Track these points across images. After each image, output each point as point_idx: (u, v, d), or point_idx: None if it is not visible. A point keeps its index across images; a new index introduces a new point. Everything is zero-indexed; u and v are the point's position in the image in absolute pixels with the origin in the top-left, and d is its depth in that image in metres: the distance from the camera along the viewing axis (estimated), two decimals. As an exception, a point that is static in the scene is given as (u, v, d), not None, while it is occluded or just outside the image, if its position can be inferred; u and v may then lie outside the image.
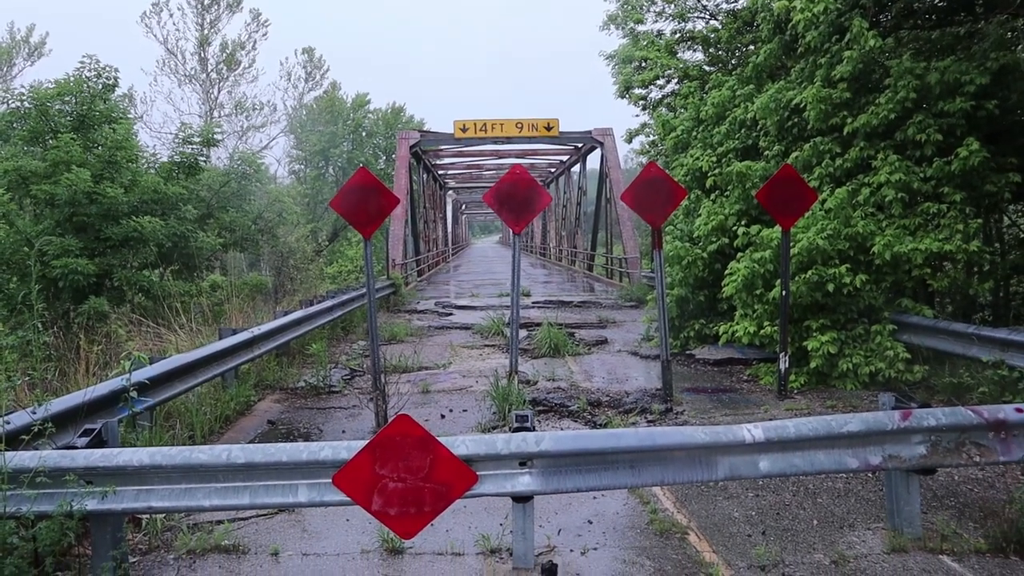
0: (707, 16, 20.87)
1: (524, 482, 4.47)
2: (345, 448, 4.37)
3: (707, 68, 19.51)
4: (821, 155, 11.77)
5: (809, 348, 9.99)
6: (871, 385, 9.77)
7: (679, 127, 15.77)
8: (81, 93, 15.92)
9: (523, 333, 15.35)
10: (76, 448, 4.58)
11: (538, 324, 16.26)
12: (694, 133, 15.24)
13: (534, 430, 4.60)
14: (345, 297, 16.09)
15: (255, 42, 54.66)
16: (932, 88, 10.41)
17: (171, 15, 54.86)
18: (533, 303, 22.31)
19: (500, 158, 42.39)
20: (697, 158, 14.17)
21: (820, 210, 10.61)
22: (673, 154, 16.11)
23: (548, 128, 31.64)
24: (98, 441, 4.76)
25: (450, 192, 62.89)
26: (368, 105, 62.57)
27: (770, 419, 8.61)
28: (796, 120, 12.54)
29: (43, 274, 14.00)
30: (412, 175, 34.19)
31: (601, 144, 32.74)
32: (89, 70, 16.18)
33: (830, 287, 9.96)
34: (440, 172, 47.97)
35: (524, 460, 4.48)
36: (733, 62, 18.95)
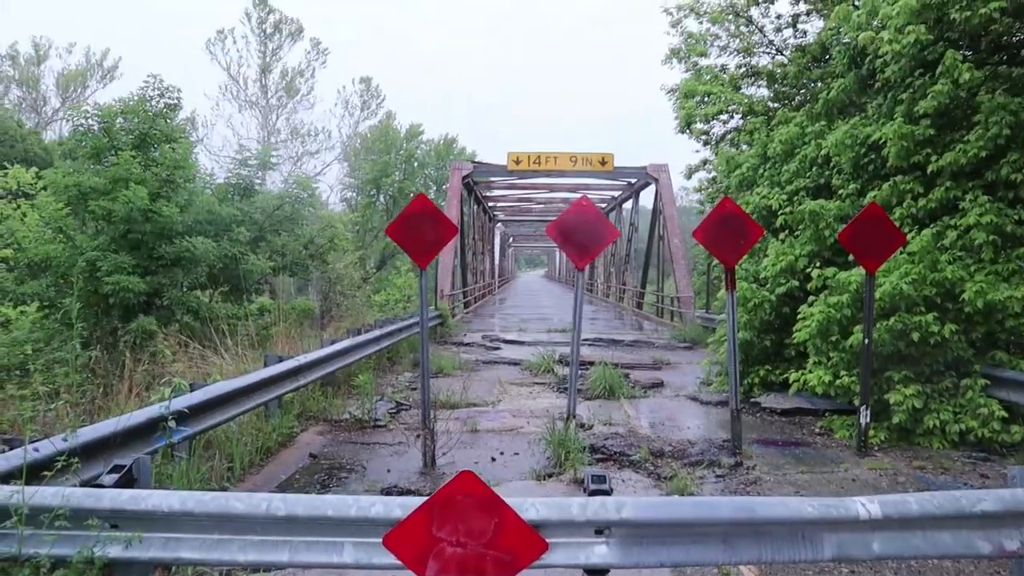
0: (773, 51, 20.34)
1: (600, 553, 3.90)
2: (399, 505, 3.85)
3: (772, 104, 18.96)
4: (902, 195, 11.09)
5: (891, 401, 9.24)
6: (960, 445, 8.99)
7: (744, 164, 15.19)
8: (144, 112, 15.90)
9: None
10: (103, 487, 4.13)
11: (591, 363, 15.64)
12: (760, 170, 14.65)
13: (611, 493, 4.03)
14: (392, 327, 15.70)
15: (314, 70, 55.53)
16: (1028, 126, 9.74)
17: (235, 42, 55.54)
18: (583, 340, 21.65)
19: (551, 191, 42.06)
20: (764, 196, 13.55)
21: (902, 253, 9.91)
22: (737, 192, 15.50)
23: (603, 163, 31.19)
24: (128, 479, 4.32)
25: (499, 224, 62.71)
26: (421, 135, 62.99)
27: (852, 479, 7.99)
28: (873, 158, 11.89)
29: (95, 290, 13.87)
30: (463, 206, 33.97)
31: (656, 180, 32.18)
32: (153, 89, 16.19)
33: (915, 336, 9.22)
34: (490, 204, 47.80)
35: (601, 528, 3.90)
36: (799, 98, 18.38)
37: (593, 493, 4.00)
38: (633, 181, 35.68)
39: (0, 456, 4.33)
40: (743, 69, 20.00)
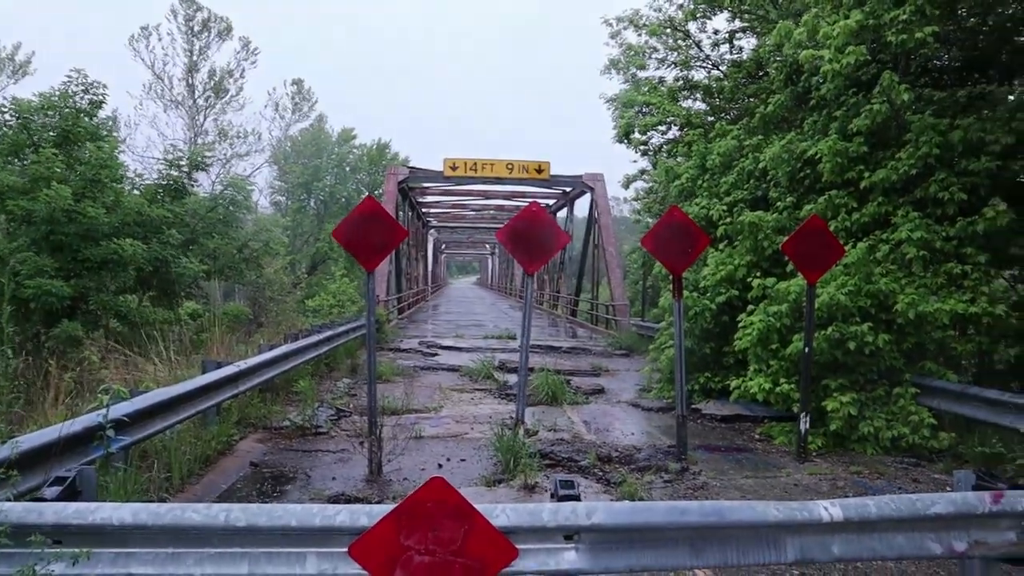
0: (710, 65, 20.71)
1: (570, 559, 3.86)
2: (365, 513, 3.74)
3: (709, 118, 19.29)
4: (836, 208, 11.42)
5: (828, 409, 9.47)
6: (892, 451, 9.25)
7: (684, 175, 15.43)
8: (66, 108, 15.28)
9: (515, 378, 14.71)
10: (45, 500, 3.91)
11: (531, 369, 15.64)
12: (699, 181, 14.90)
13: (580, 499, 3.99)
14: (330, 332, 15.43)
15: (243, 70, 54.17)
16: (955, 146, 10.14)
17: (160, 39, 53.91)
18: (518, 347, 21.68)
19: (487, 198, 42.01)
20: (704, 207, 13.79)
21: (839, 265, 10.18)
22: (677, 201, 15.72)
23: (539, 171, 31.27)
24: (71, 491, 4.10)
25: (432, 231, 62.40)
26: (354, 139, 62.22)
27: (794, 483, 8.14)
28: (809, 172, 12.22)
29: (14, 294, 13.21)
30: (398, 211, 33.67)
31: (592, 189, 32.43)
32: (76, 84, 15.56)
33: (851, 345, 9.48)
34: (424, 210, 47.51)
35: (571, 534, 3.87)
36: (734, 112, 18.75)
37: (562, 499, 3.96)
38: (568, 190, 35.89)
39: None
40: (680, 82, 20.28)
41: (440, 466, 8.62)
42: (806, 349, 9.05)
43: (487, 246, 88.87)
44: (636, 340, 22.13)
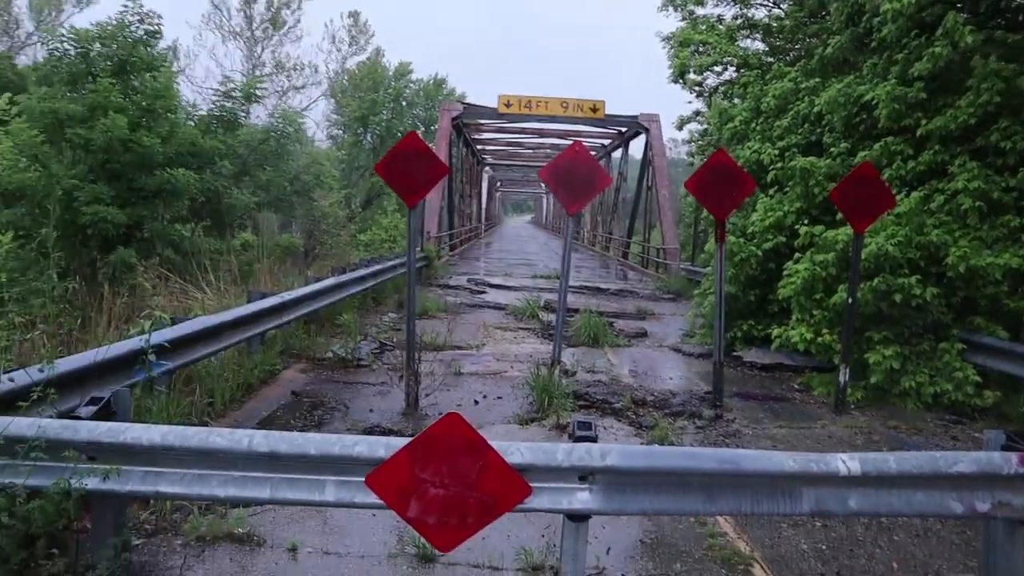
0: (770, 3, 20.03)
1: (583, 499, 3.91)
2: (383, 445, 3.83)
3: (767, 58, 18.71)
4: (892, 156, 11.02)
5: (870, 361, 9.30)
6: (934, 407, 9.08)
7: (737, 117, 15.05)
8: (123, 38, 15.44)
9: (558, 319, 14.75)
10: (80, 419, 4.08)
11: (575, 311, 15.66)
12: (752, 124, 14.52)
13: (597, 440, 4.02)
14: (378, 267, 15.61)
15: (300, 2, 54.02)
16: (1020, 93, 9.65)
17: (219, -32, 53.88)
18: (568, 288, 21.66)
19: (541, 137, 41.61)
20: (756, 150, 13.44)
21: (890, 215, 9.89)
22: (729, 145, 15.38)
23: (594, 110, 30.78)
24: (106, 411, 4.27)
25: (487, 168, 62.18)
26: (410, 75, 61.78)
27: (828, 435, 8.08)
28: (865, 117, 11.79)
29: (72, 220, 13.61)
30: (451, 147, 33.58)
31: (647, 130, 31.86)
32: (132, 15, 15.69)
33: (897, 297, 9.25)
34: (479, 147, 47.30)
35: (585, 475, 3.91)
36: (794, 53, 18.15)
37: (578, 439, 4.00)
38: (623, 130, 35.33)
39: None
40: (739, 20, 19.68)
41: (476, 403, 8.74)
42: (850, 300, 8.86)
43: (542, 185, 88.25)
44: (685, 284, 21.93)
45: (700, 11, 20.56)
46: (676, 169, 43.12)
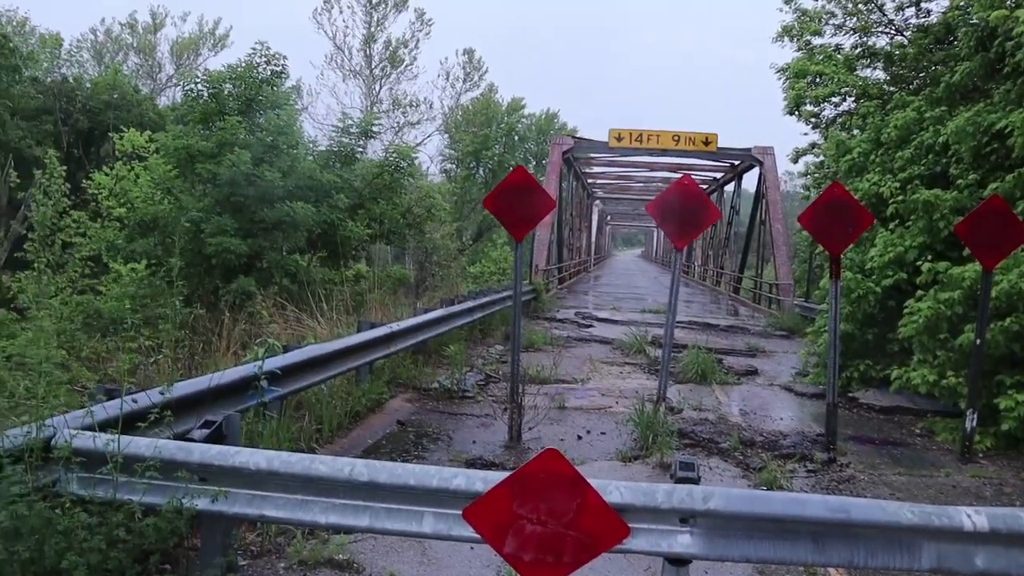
0: (892, 31, 19.31)
1: (683, 542, 3.77)
2: (481, 479, 3.81)
3: (888, 88, 18.02)
4: (1027, 188, 10.38)
5: (1001, 407, 8.69)
6: (1076, 458, 8.41)
7: (855, 149, 14.49)
8: (250, 78, 16.29)
9: (667, 354, 14.50)
10: (194, 441, 4.24)
11: (684, 346, 15.36)
12: (872, 156, 13.96)
13: (699, 481, 3.89)
14: (486, 299, 15.75)
15: (418, 40, 55.81)
16: None
17: (341, 12, 56.25)
18: (677, 323, 21.32)
19: (652, 170, 41.36)
20: (875, 183, 12.91)
21: (1022, 251, 9.28)
22: (846, 177, 14.86)
23: (706, 143, 30.42)
24: (218, 435, 4.42)
25: (597, 201, 62.17)
26: (523, 109, 62.72)
27: (952, 485, 7.57)
28: (996, 147, 11.14)
29: (198, 250, 14.34)
30: (562, 181, 33.75)
31: (760, 163, 31.20)
32: (259, 56, 16.56)
33: (1032, 339, 8.65)
34: (589, 180, 47.38)
35: (686, 517, 3.77)
36: (917, 82, 17.41)
37: (680, 480, 3.88)
38: (736, 163, 34.73)
39: (100, 405, 4.49)
40: (859, 50, 19.03)
41: (580, 438, 8.64)
42: (977, 340, 8.34)
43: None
44: (798, 321, 21.22)
45: (817, 41, 20.01)
46: (790, 203, 41.99)
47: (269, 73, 16.59)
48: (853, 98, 18.20)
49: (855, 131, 16.75)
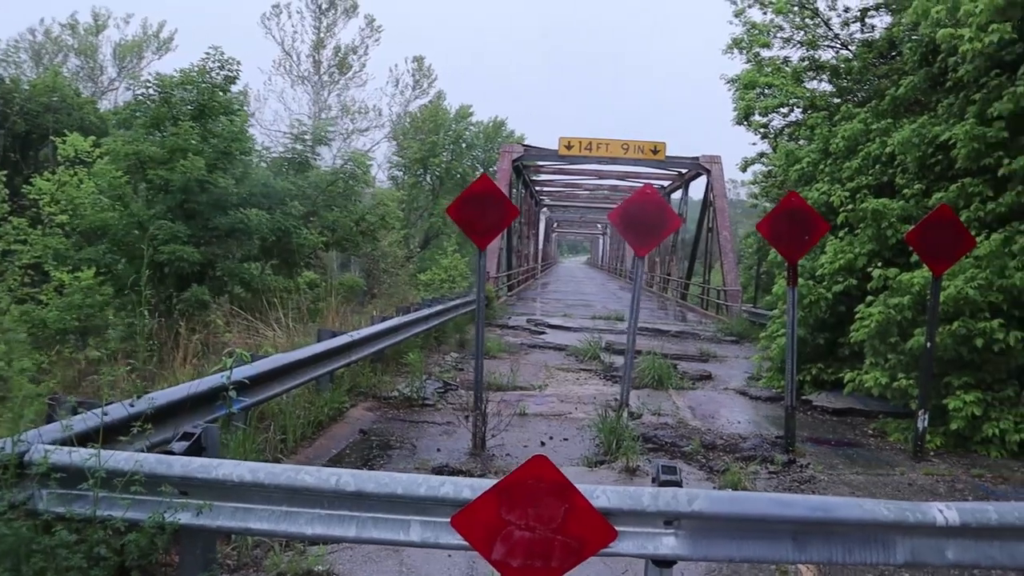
0: (838, 45, 19.87)
1: (669, 544, 3.86)
2: (468, 486, 3.85)
3: (834, 100, 18.52)
4: (970, 197, 10.76)
5: (949, 407, 9.02)
6: (1020, 454, 8.75)
7: (804, 159, 14.89)
8: (203, 83, 16.04)
9: (621, 360, 14.64)
10: (173, 454, 4.18)
11: (638, 352, 15.55)
12: (821, 166, 14.36)
13: (682, 484, 3.98)
14: (441, 307, 15.73)
15: (367, 47, 55.58)
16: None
17: (290, 17, 55.69)
18: (628, 329, 21.58)
19: (600, 178, 41.79)
20: (824, 192, 13.28)
21: (968, 257, 9.65)
22: (796, 186, 15.24)
23: (655, 151, 30.87)
24: (197, 447, 4.37)
25: (544, 209, 62.51)
26: (471, 116, 62.79)
27: (908, 483, 7.83)
28: (941, 158, 11.56)
29: (151, 258, 14.06)
30: (511, 189, 33.88)
31: (708, 171, 31.76)
32: (213, 61, 16.32)
33: (978, 342, 8.98)
34: (537, 188, 47.62)
35: (671, 519, 3.86)
36: (862, 94, 17.94)
37: (664, 483, 3.96)
38: (684, 172, 35.29)
39: (78, 418, 4.40)
40: (806, 62, 19.54)
41: (543, 444, 8.71)
42: (927, 344, 8.64)
43: (598, 226, 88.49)
44: (747, 327, 21.64)
45: (766, 53, 20.48)
46: (735, 210, 42.79)
47: (222, 78, 16.35)
48: (801, 109, 18.68)
49: (802, 141, 17.20)
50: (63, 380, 11.35)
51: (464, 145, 61.90)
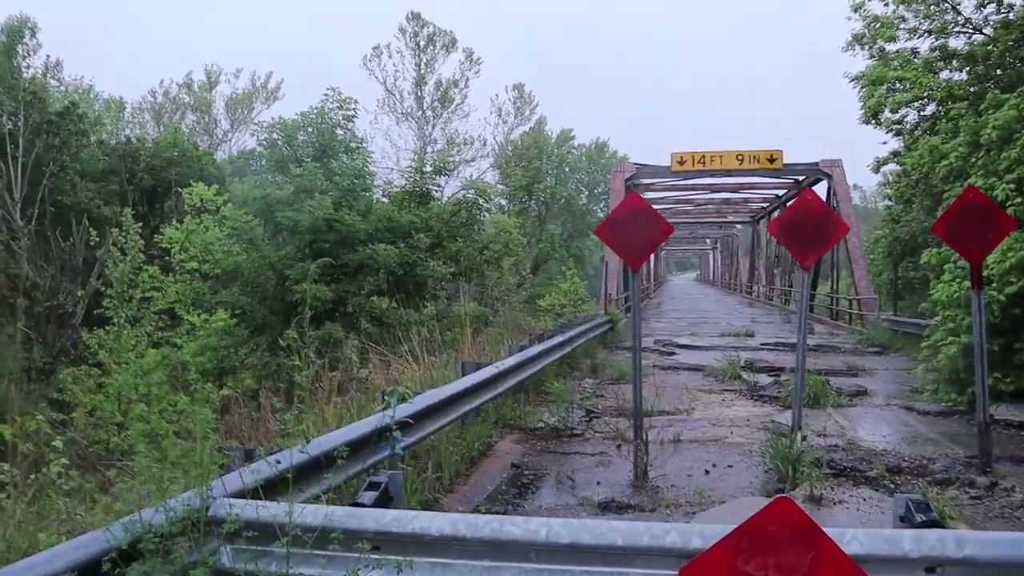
0: (970, 30, 18.63)
1: (931, 595, 3.31)
2: (697, 534, 3.41)
3: (972, 88, 17.31)
4: None
5: None
6: None
7: (952, 153, 13.88)
8: (323, 124, 16.32)
9: (767, 379, 13.93)
10: (364, 505, 3.91)
11: (780, 369, 14.79)
12: (972, 159, 13.33)
13: (944, 525, 3.43)
14: (572, 332, 15.37)
15: (467, 80, 56.29)
16: None
17: (390, 57, 57.04)
18: (761, 344, 20.77)
19: (712, 192, 40.74)
20: (982, 187, 12.27)
21: None
22: (944, 184, 14.24)
23: (771, 160, 29.77)
24: (384, 496, 4.08)
25: (654, 227, 61.51)
26: (572, 140, 62.73)
27: None
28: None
29: (283, 298, 14.26)
30: (624, 208, 33.31)
31: (829, 176, 30.37)
32: (332, 101, 16.62)
33: None
34: (647, 206, 46.86)
35: (934, 566, 3.31)
36: (1005, 80, 16.69)
37: (923, 525, 3.42)
38: (801, 179, 33.92)
39: (247, 469, 4.20)
40: (935, 52, 18.38)
41: (707, 472, 8.18)
42: None
43: (707, 241, 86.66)
44: (890, 337, 20.41)
45: (890, 47, 19.39)
46: (858, 215, 40.91)
47: (341, 117, 16.61)
48: (936, 101, 17.54)
49: (944, 135, 16.10)
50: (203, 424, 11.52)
51: (567, 169, 61.85)
